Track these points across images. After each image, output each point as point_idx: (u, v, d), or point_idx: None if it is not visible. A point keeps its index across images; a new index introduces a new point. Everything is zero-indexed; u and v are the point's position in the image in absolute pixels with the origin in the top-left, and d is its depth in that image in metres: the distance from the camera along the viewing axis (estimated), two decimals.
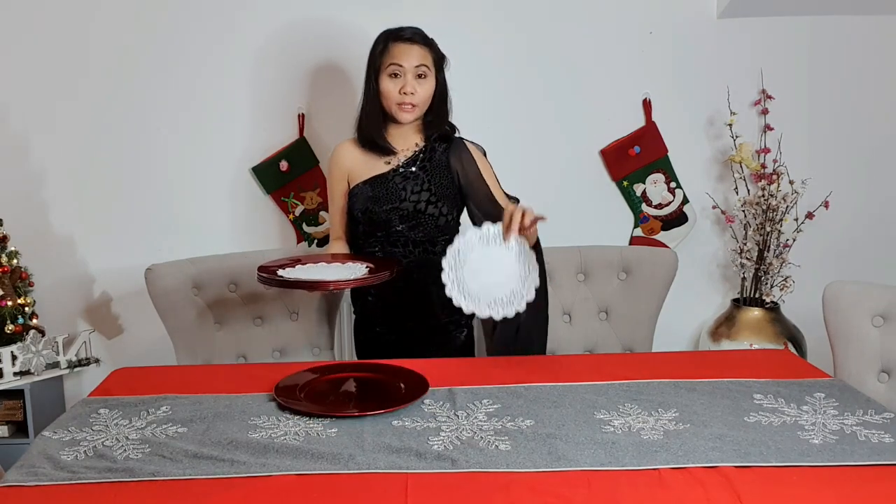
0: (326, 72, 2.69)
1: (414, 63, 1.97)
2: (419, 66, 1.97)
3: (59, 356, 2.61)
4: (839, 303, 1.99)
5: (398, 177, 2.03)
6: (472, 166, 2.05)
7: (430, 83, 2.00)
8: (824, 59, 2.79)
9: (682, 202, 2.85)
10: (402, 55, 1.97)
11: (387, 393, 1.66)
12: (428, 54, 1.99)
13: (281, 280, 1.76)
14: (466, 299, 1.68)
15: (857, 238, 2.90)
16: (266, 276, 1.77)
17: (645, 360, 1.99)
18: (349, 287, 1.95)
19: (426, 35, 2.02)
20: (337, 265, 1.91)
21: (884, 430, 1.50)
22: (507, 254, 1.71)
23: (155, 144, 2.72)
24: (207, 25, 2.65)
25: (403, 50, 1.97)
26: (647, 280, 2.41)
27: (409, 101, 1.98)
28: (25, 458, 1.41)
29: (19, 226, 2.62)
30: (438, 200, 2.02)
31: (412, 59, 1.97)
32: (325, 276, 1.80)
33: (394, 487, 1.30)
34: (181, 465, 1.38)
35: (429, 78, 1.99)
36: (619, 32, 2.75)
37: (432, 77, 2.00)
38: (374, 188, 2.03)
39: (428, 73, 1.99)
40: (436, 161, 2.05)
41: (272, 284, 1.78)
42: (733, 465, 1.36)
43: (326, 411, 1.56)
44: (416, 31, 2.01)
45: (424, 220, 2.02)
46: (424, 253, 2.03)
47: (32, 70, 2.65)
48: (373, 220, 2.03)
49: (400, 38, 1.99)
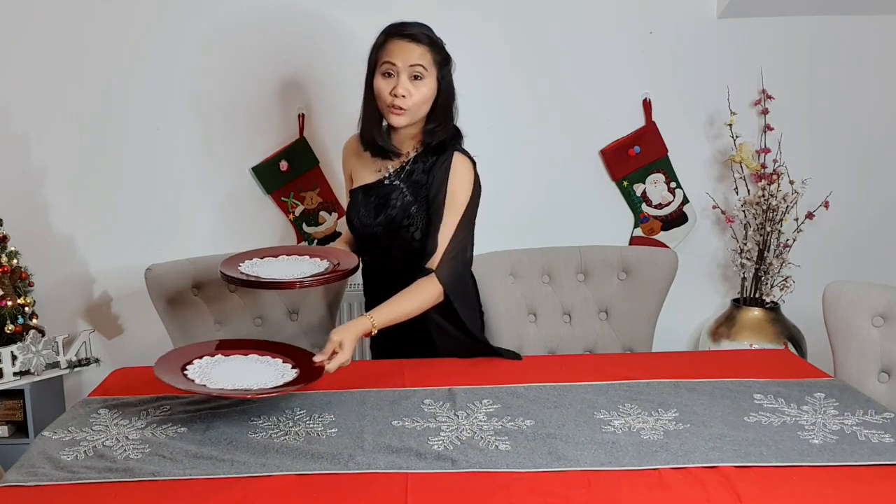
0: (326, 72, 2.69)
1: (409, 62, 1.80)
2: (415, 66, 1.80)
3: (59, 356, 2.61)
4: (839, 303, 1.99)
5: (383, 189, 1.92)
6: (442, 187, 1.85)
7: (427, 86, 1.82)
8: (824, 59, 2.79)
9: (682, 202, 2.85)
10: (398, 52, 1.81)
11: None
12: (427, 54, 1.81)
13: (242, 280, 1.79)
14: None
15: (857, 238, 2.90)
16: (228, 275, 1.80)
17: (645, 360, 1.99)
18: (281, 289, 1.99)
19: (431, 34, 1.85)
20: (302, 259, 1.92)
21: (884, 430, 1.50)
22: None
23: (155, 144, 2.72)
24: (207, 25, 2.65)
25: (400, 47, 1.81)
26: (647, 280, 2.41)
27: (399, 104, 1.81)
28: (25, 458, 1.41)
29: (19, 226, 2.62)
30: (412, 224, 1.87)
31: (407, 57, 1.80)
32: (284, 273, 1.83)
33: (394, 487, 1.30)
34: (181, 465, 1.38)
35: (426, 80, 1.82)
36: (619, 32, 2.75)
37: (431, 79, 1.83)
38: (364, 196, 1.95)
39: (425, 75, 1.81)
40: (418, 176, 1.89)
41: (234, 283, 1.82)
42: (733, 465, 1.36)
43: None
44: (420, 27, 1.84)
45: (402, 239, 1.89)
46: (408, 268, 1.88)
47: (32, 70, 2.65)
48: (359, 230, 1.96)
49: (399, 33, 1.82)
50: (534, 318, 2.42)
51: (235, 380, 1.55)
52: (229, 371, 1.60)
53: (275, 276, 1.81)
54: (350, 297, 2.64)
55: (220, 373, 1.58)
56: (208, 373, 1.58)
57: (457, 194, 1.86)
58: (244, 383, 1.54)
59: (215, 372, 1.58)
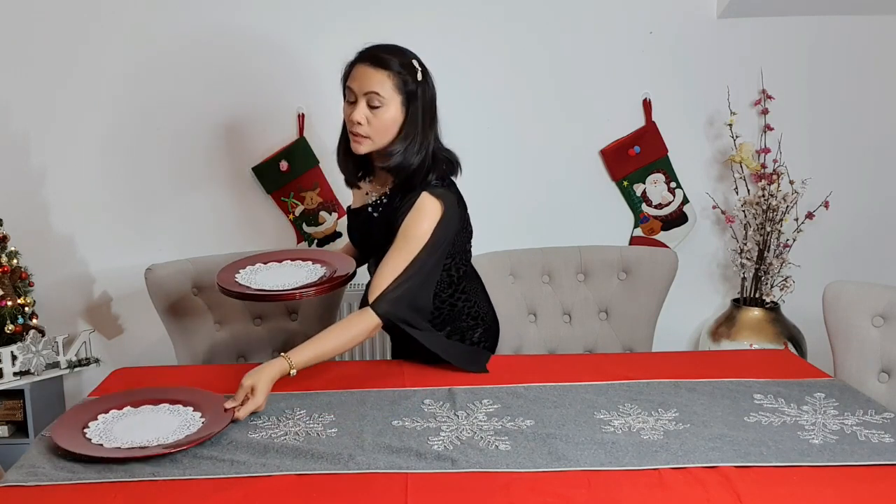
0: (326, 72, 2.68)
1: (364, 89, 1.73)
2: (370, 94, 1.72)
3: (59, 356, 2.61)
4: (839, 303, 1.99)
5: (363, 216, 1.92)
6: (398, 220, 1.78)
7: (387, 113, 1.74)
8: (824, 59, 2.79)
9: (682, 202, 2.85)
10: (357, 78, 1.75)
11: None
12: (388, 80, 1.72)
13: (240, 293, 1.81)
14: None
15: (857, 238, 2.90)
16: (224, 288, 1.82)
17: (645, 360, 1.99)
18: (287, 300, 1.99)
19: (400, 57, 1.75)
20: (297, 264, 1.94)
21: (884, 430, 1.50)
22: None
23: (155, 144, 2.72)
24: (207, 25, 2.65)
25: (360, 72, 1.74)
26: (647, 280, 2.41)
27: (357, 132, 1.76)
28: (25, 458, 1.41)
29: (19, 226, 2.62)
30: (378, 259, 1.80)
31: (364, 83, 1.73)
32: (282, 281, 1.84)
33: (394, 487, 1.30)
34: (181, 465, 1.38)
35: (386, 107, 1.73)
36: (619, 32, 2.75)
37: (391, 106, 1.74)
38: (353, 218, 2.00)
39: (383, 102, 1.73)
40: (387, 213, 1.84)
41: (231, 296, 1.83)
42: (733, 465, 1.36)
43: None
44: (387, 50, 1.76)
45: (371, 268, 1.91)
46: None
47: (32, 70, 2.65)
48: (355, 246, 2.04)
49: (363, 58, 1.76)
50: (534, 318, 2.42)
51: (137, 436, 1.47)
52: (132, 425, 1.51)
53: (274, 287, 1.82)
54: (350, 297, 2.64)
55: (123, 427, 1.50)
56: (111, 428, 1.50)
57: (410, 229, 1.76)
58: (145, 440, 1.45)
59: (118, 427, 1.50)
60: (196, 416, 1.54)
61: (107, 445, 1.43)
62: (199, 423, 1.51)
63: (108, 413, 1.55)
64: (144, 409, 1.58)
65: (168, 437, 1.45)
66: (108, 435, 1.47)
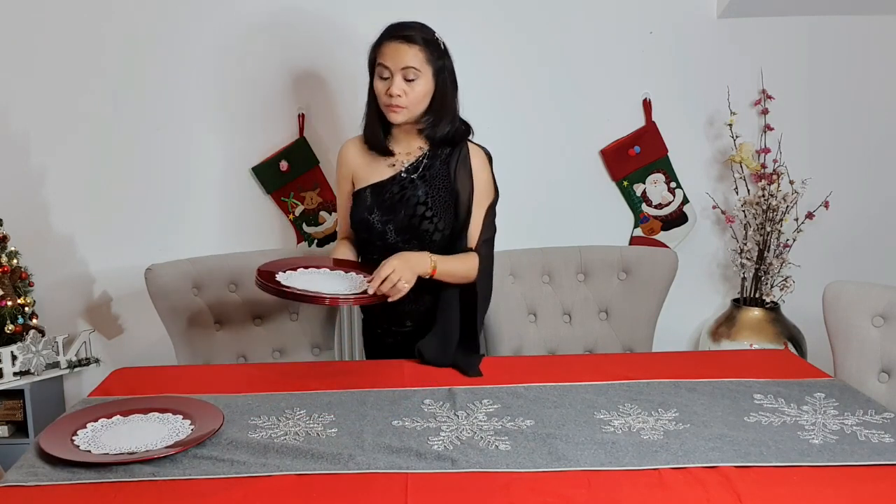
0: (326, 72, 2.69)
1: (400, 65, 1.86)
2: (406, 69, 1.87)
3: (59, 356, 2.61)
4: (839, 303, 1.99)
5: (397, 185, 1.96)
6: (468, 182, 1.96)
7: (422, 85, 1.89)
8: (824, 59, 2.79)
9: (682, 202, 2.85)
10: (390, 55, 1.87)
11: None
12: (420, 54, 1.87)
13: (278, 290, 1.74)
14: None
15: (857, 238, 2.90)
16: (264, 283, 1.76)
17: (645, 360, 1.99)
18: (343, 305, 1.96)
19: (424, 33, 1.89)
20: (339, 273, 1.90)
21: (884, 430, 1.50)
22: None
23: (155, 144, 2.72)
24: (207, 25, 2.65)
25: (393, 49, 1.87)
26: (647, 280, 2.41)
27: (396, 103, 1.88)
28: (25, 458, 1.41)
29: (19, 226, 2.62)
30: (434, 216, 1.93)
31: (399, 59, 1.86)
32: (321, 287, 1.79)
33: (394, 487, 1.30)
34: (181, 465, 1.38)
35: (420, 80, 1.88)
36: (619, 32, 2.75)
37: (425, 78, 1.89)
38: (374, 195, 1.98)
39: (418, 76, 1.87)
40: (436, 170, 1.96)
41: (269, 292, 1.76)
42: (733, 465, 1.36)
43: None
44: (412, 27, 1.89)
45: (419, 235, 1.94)
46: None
47: (32, 70, 2.65)
48: (369, 229, 1.98)
49: (392, 35, 1.89)
50: (534, 318, 2.42)
51: (126, 443, 1.46)
52: (121, 433, 1.50)
53: (321, 291, 1.77)
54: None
55: (111, 435, 1.49)
56: (100, 436, 1.49)
57: (483, 187, 1.97)
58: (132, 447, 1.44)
59: (106, 435, 1.49)
60: (185, 423, 1.52)
61: (95, 452, 1.41)
62: (189, 431, 1.49)
63: (98, 421, 1.53)
64: (134, 417, 1.56)
65: (157, 444, 1.43)
66: (96, 442, 1.45)
